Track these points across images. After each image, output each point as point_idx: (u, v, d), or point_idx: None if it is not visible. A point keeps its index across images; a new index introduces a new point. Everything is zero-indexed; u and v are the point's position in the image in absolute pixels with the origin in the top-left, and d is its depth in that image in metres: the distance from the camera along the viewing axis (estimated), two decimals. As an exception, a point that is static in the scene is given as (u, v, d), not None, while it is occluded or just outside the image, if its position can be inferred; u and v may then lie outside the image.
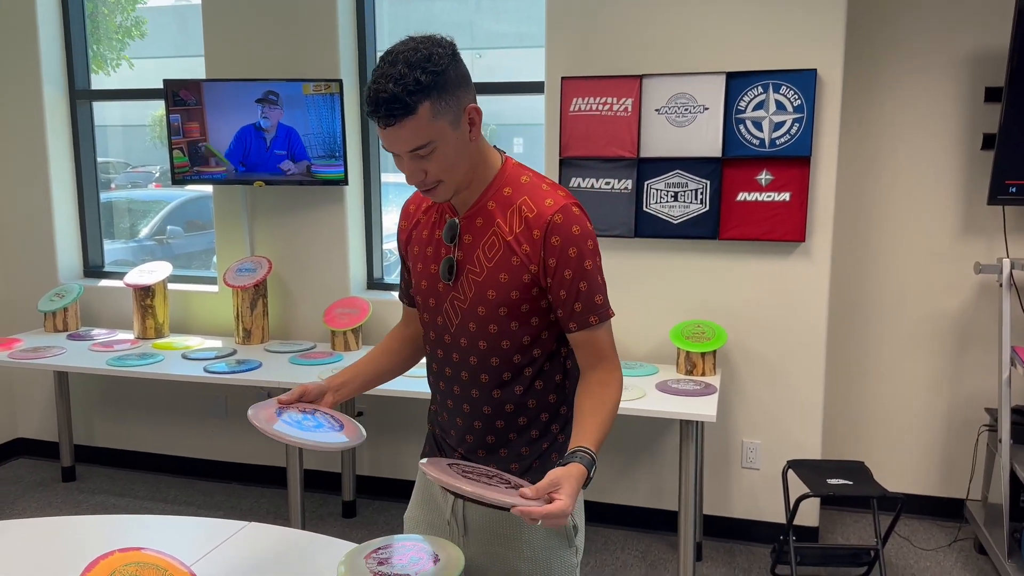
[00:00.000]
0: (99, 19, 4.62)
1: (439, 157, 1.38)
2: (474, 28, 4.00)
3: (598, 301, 1.47)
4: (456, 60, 1.38)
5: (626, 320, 3.47)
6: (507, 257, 1.46)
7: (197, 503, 3.89)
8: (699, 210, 3.32)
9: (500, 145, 4.16)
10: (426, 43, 1.35)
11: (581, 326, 1.47)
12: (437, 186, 1.43)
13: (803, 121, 3.15)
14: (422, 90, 1.32)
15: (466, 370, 1.54)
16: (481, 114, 1.43)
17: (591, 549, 3.43)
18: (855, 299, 3.66)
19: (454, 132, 1.38)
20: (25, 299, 4.29)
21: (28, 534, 1.75)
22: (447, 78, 1.34)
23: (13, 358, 3.46)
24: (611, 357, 1.50)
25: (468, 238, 1.50)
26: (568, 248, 1.43)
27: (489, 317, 1.49)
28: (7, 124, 4.16)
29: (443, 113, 1.35)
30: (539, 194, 1.47)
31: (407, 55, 1.33)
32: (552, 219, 1.43)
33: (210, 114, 3.68)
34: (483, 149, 1.49)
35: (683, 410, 2.81)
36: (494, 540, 1.56)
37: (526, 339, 1.50)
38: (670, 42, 3.27)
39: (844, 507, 3.78)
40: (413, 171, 1.40)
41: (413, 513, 1.70)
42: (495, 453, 1.55)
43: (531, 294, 1.47)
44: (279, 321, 3.94)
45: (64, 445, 4.12)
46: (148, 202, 5.90)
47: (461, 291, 1.51)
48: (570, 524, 1.57)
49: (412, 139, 1.35)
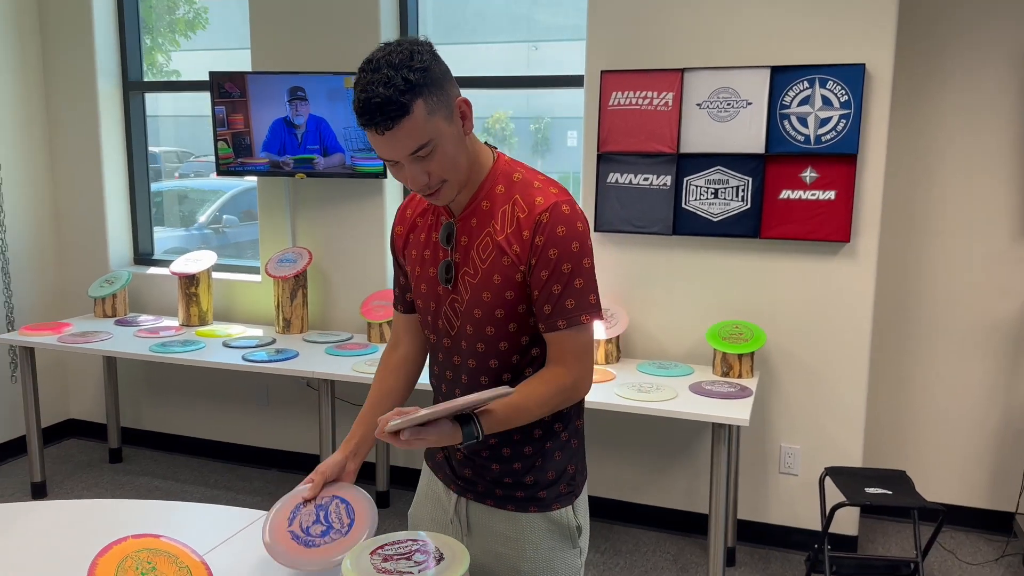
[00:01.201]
0: (163, 11, 4.72)
1: (440, 155, 1.36)
2: (531, 22, 3.98)
3: (569, 305, 1.42)
4: (436, 57, 1.36)
5: (662, 319, 3.41)
6: (499, 258, 1.44)
7: (236, 488, 3.96)
8: (740, 208, 3.24)
9: (554, 138, 4.13)
10: (403, 44, 1.34)
11: (548, 328, 1.44)
12: (441, 187, 1.40)
13: (850, 117, 3.05)
14: (413, 88, 1.30)
15: (466, 373, 1.52)
16: (471, 106, 1.41)
17: (621, 549, 3.39)
18: (902, 302, 3.53)
19: (450, 127, 1.36)
20: (77, 285, 4.42)
21: (55, 516, 1.79)
22: (433, 74, 1.33)
23: (62, 341, 3.57)
24: (570, 365, 1.43)
25: (464, 239, 1.48)
26: (549, 249, 1.40)
27: (486, 319, 1.46)
28: (63, 115, 4.28)
29: (437, 109, 1.33)
30: (531, 192, 1.44)
31: (388, 58, 1.31)
32: (539, 218, 1.41)
33: (254, 106, 3.73)
34: (476, 145, 1.47)
35: (715, 413, 2.75)
36: (496, 540, 1.55)
37: (524, 339, 1.48)
38: (713, 35, 3.19)
39: (886, 517, 3.66)
40: (416, 175, 1.38)
41: (417, 511, 1.69)
42: (498, 452, 1.53)
43: (527, 294, 1.45)
44: (318, 311, 3.98)
45: (112, 427, 4.24)
46: (207, 191, 6.04)
47: (459, 293, 1.49)
48: (573, 525, 1.55)
49: (412, 140, 1.33)
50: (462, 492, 1.59)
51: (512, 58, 3.99)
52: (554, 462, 1.53)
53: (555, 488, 1.53)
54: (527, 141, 4.23)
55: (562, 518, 1.54)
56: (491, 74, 3.69)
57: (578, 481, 1.57)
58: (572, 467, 1.55)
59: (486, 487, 1.55)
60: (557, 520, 1.54)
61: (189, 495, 3.86)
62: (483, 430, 1.38)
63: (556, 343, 1.44)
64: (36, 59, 4.24)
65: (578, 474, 1.57)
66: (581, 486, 1.58)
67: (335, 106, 3.63)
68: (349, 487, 1.61)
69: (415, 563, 1.43)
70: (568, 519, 1.55)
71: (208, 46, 4.99)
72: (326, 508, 1.58)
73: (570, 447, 1.55)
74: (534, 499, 1.53)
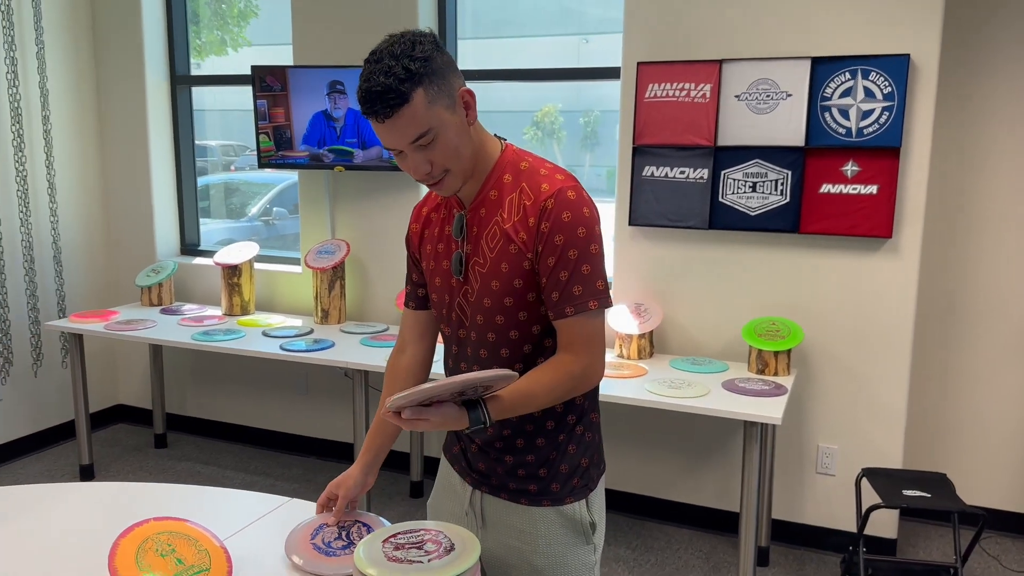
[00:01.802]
0: (217, 6, 4.81)
1: (442, 144, 1.37)
2: (581, 15, 3.96)
3: (576, 292, 1.41)
4: (439, 48, 1.37)
5: (697, 315, 3.37)
6: (507, 246, 1.44)
7: (275, 475, 4.04)
8: (779, 202, 3.17)
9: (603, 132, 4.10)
10: (407, 35, 1.35)
11: (557, 315, 1.43)
12: (445, 176, 1.42)
13: (894, 110, 2.96)
14: (412, 77, 1.31)
15: (478, 363, 1.53)
16: (475, 96, 1.41)
17: (653, 546, 3.36)
18: (946, 300, 3.43)
19: (452, 116, 1.37)
20: (125, 274, 4.55)
21: (94, 497, 1.85)
22: (435, 64, 1.34)
23: (109, 329, 3.68)
24: (579, 352, 1.42)
25: (474, 230, 1.49)
26: (555, 236, 1.40)
27: (496, 308, 1.47)
28: (112, 109, 4.40)
29: (438, 98, 1.34)
30: (537, 179, 1.44)
31: (390, 49, 1.33)
32: (544, 205, 1.40)
33: (294, 100, 3.78)
34: (482, 135, 1.47)
35: (747, 410, 2.71)
36: (510, 533, 1.55)
37: (535, 328, 1.48)
38: (752, 25, 3.13)
39: (928, 520, 3.57)
40: (418, 164, 1.39)
41: (435, 501, 1.71)
42: (512, 444, 1.53)
43: (536, 282, 1.44)
44: (356, 302, 4.03)
45: (157, 413, 4.35)
46: (258, 184, 6.16)
47: (470, 284, 1.50)
48: (586, 520, 1.54)
49: (412, 129, 1.34)
50: (477, 485, 1.59)
51: (562, 51, 3.98)
52: (567, 455, 1.52)
53: (568, 482, 1.53)
54: (576, 134, 4.21)
55: (575, 513, 1.53)
56: (541, 67, 3.66)
57: (592, 475, 1.56)
58: (586, 461, 1.55)
59: (500, 480, 1.56)
60: (570, 515, 1.53)
61: (229, 481, 3.95)
62: (491, 416, 1.38)
63: (565, 330, 1.44)
64: (88, 55, 4.36)
65: (592, 468, 1.56)
66: (596, 481, 1.57)
67: (373, 99, 3.65)
68: (369, 515, 1.67)
69: (425, 552, 1.44)
70: (581, 514, 1.54)
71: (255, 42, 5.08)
72: (348, 528, 1.64)
73: (584, 440, 1.54)
74: (547, 493, 1.53)
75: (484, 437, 1.56)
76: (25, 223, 4.10)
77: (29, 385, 4.19)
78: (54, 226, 4.25)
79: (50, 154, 4.20)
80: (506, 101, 4.51)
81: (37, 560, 1.58)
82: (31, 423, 4.21)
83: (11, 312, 4.07)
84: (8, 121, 3.98)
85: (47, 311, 4.24)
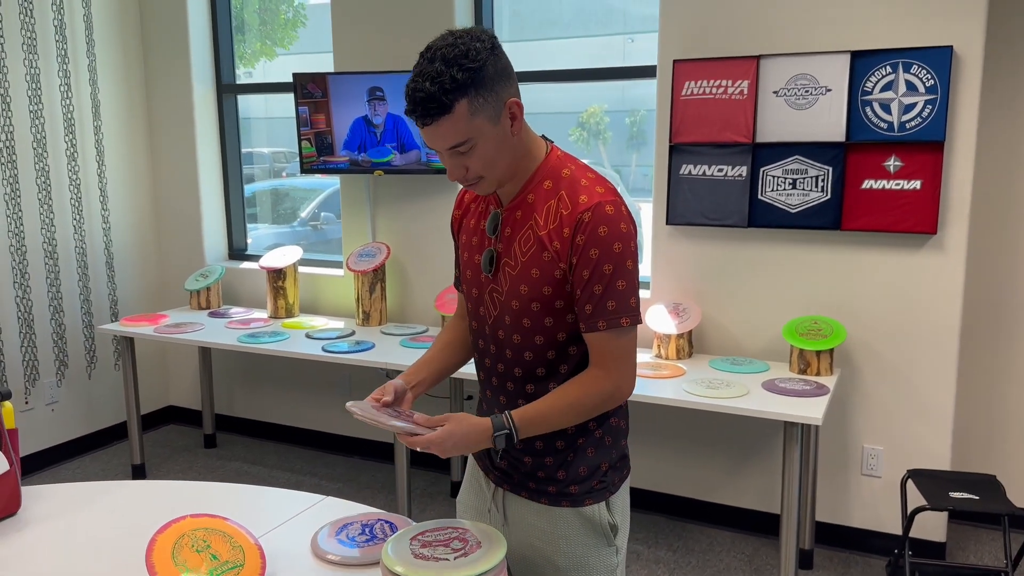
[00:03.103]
0: (267, 15, 4.92)
1: (478, 153, 1.38)
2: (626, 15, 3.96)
3: (610, 307, 1.41)
4: (495, 54, 1.36)
5: (737, 314, 3.33)
6: (539, 252, 1.44)
7: (320, 474, 4.11)
8: (820, 198, 3.12)
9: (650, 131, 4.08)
10: (464, 38, 1.34)
11: (589, 328, 1.43)
12: (479, 181, 1.44)
13: (937, 103, 2.90)
14: (458, 88, 1.31)
15: (502, 362, 1.54)
16: (522, 108, 1.41)
17: (694, 548, 3.33)
18: (994, 297, 3.33)
19: (493, 128, 1.37)
20: (175, 279, 4.67)
21: (139, 494, 1.91)
22: (485, 74, 1.33)
23: (158, 332, 3.78)
24: (610, 367, 1.44)
25: (508, 231, 1.49)
26: (590, 249, 1.39)
27: (523, 311, 1.47)
28: (161, 118, 4.53)
29: (481, 109, 1.35)
30: (576, 189, 1.43)
31: (444, 51, 1.33)
32: (581, 217, 1.39)
33: (335, 106, 3.84)
34: (527, 141, 1.47)
35: (787, 411, 2.67)
36: (532, 532, 1.56)
37: (561, 335, 1.48)
38: (790, 20, 3.09)
39: (979, 523, 3.47)
40: (454, 167, 1.42)
41: (463, 497, 1.73)
42: (531, 445, 1.54)
43: (564, 291, 1.44)
44: (396, 304, 4.07)
45: (206, 414, 4.46)
46: (308, 190, 6.28)
47: (499, 283, 1.50)
48: (607, 522, 1.54)
49: (450, 137, 1.36)
50: (499, 483, 1.61)
51: (608, 51, 3.97)
52: (586, 458, 1.52)
53: (587, 484, 1.53)
54: (623, 134, 4.19)
55: (594, 515, 1.53)
56: (583, 67, 3.65)
57: (611, 479, 1.55)
58: (606, 464, 1.54)
59: (520, 479, 1.57)
60: (589, 516, 1.53)
61: (275, 480, 4.03)
62: (517, 431, 1.41)
63: (596, 345, 1.44)
64: (137, 66, 4.49)
65: (612, 471, 1.55)
66: (617, 484, 1.56)
67: (411, 103, 3.70)
68: (394, 515, 1.70)
69: (452, 550, 1.46)
70: (601, 516, 1.54)
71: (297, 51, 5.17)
72: (371, 526, 1.67)
73: (604, 444, 1.54)
74: (566, 494, 1.53)
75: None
76: (79, 230, 4.24)
77: (83, 387, 4.33)
78: (106, 233, 4.38)
79: (102, 163, 4.34)
80: (551, 102, 4.50)
81: (82, 553, 1.64)
82: (85, 424, 4.36)
83: (66, 316, 4.21)
84: (62, 131, 4.12)
85: (100, 315, 4.38)
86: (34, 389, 4.10)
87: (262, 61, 5.14)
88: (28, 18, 3.92)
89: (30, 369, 4.07)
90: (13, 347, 3.98)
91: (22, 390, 4.04)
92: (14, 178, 3.92)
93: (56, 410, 4.20)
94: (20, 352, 4.01)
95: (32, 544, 1.68)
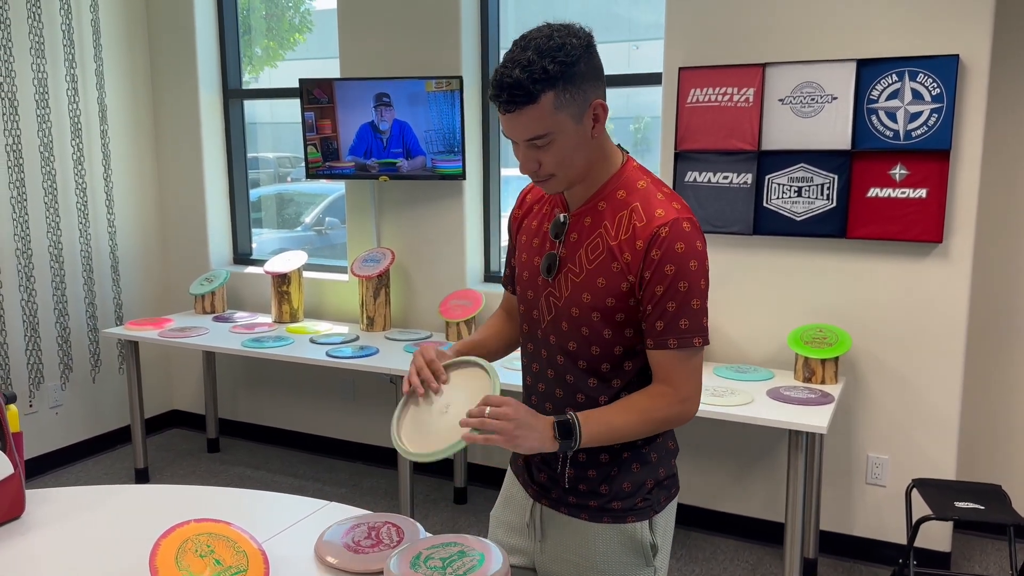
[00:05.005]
0: (272, 20, 4.94)
1: (556, 150, 1.36)
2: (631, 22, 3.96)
3: (683, 325, 1.37)
4: (590, 53, 1.34)
5: (742, 322, 3.33)
6: (608, 262, 1.40)
7: (323, 479, 4.10)
8: (825, 206, 3.12)
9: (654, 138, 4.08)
10: (561, 32, 1.32)
11: (658, 345, 1.39)
12: (550, 179, 1.40)
13: (943, 111, 2.89)
14: (548, 79, 1.29)
15: (552, 368, 1.50)
16: (607, 111, 1.38)
17: (698, 557, 3.32)
18: (1000, 306, 3.32)
19: (575, 126, 1.35)
20: (180, 283, 4.68)
21: (141, 499, 1.91)
22: (576, 70, 1.31)
23: (163, 336, 3.79)
24: (679, 385, 1.39)
25: (574, 236, 1.45)
26: (665, 265, 1.35)
27: (582, 319, 1.44)
28: (167, 123, 4.54)
29: (566, 106, 1.32)
30: (652, 203, 1.39)
31: (539, 42, 1.31)
32: (657, 232, 1.36)
33: (340, 111, 3.85)
34: (604, 146, 1.44)
35: (791, 419, 2.66)
36: (568, 549, 1.52)
37: (618, 349, 1.44)
38: (795, 28, 3.09)
39: (984, 534, 3.45)
40: (527, 160, 1.39)
41: (498, 512, 1.69)
42: (574, 457, 1.50)
43: (628, 304, 1.41)
44: (401, 310, 4.08)
45: (210, 418, 4.46)
46: (312, 195, 6.28)
47: (558, 288, 1.47)
48: (648, 541, 1.50)
49: (530, 128, 1.33)
50: (537, 497, 1.57)
51: (613, 58, 3.97)
52: (631, 474, 1.49)
53: (631, 500, 1.49)
54: (627, 141, 4.19)
55: (636, 533, 1.49)
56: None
57: (656, 497, 1.51)
58: (651, 482, 1.50)
59: (560, 494, 1.53)
60: (631, 534, 1.49)
61: (278, 485, 4.02)
62: (580, 428, 1.37)
63: (664, 363, 1.40)
64: (144, 71, 4.51)
65: (658, 490, 1.51)
66: (662, 504, 1.52)
67: (416, 110, 3.71)
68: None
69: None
70: (643, 535, 1.49)
71: (303, 56, 5.19)
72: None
73: (650, 461, 1.50)
74: (607, 510, 1.49)
75: None
76: (84, 234, 4.25)
77: (87, 391, 4.33)
78: (111, 237, 4.39)
79: (108, 167, 4.35)
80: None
81: (85, 558, 1.64)
82: (89, 428, 4.36)
83: (71, 320, 4.22)
84: (68, 135, 4.13)
85: (105, 319, 4.39)
86: (38, 392, 4.10)
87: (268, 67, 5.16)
88: (36, 23, 3.94)
89: (35, 372, 4.08)
90: (18, 350, 3.99)
91: (27, 393, 4.04)
92: (21, 182, 3.93)
93: (60, 413, 4.21)
94: (25, 355, 4.02)
95: (36, 548, 1.68)
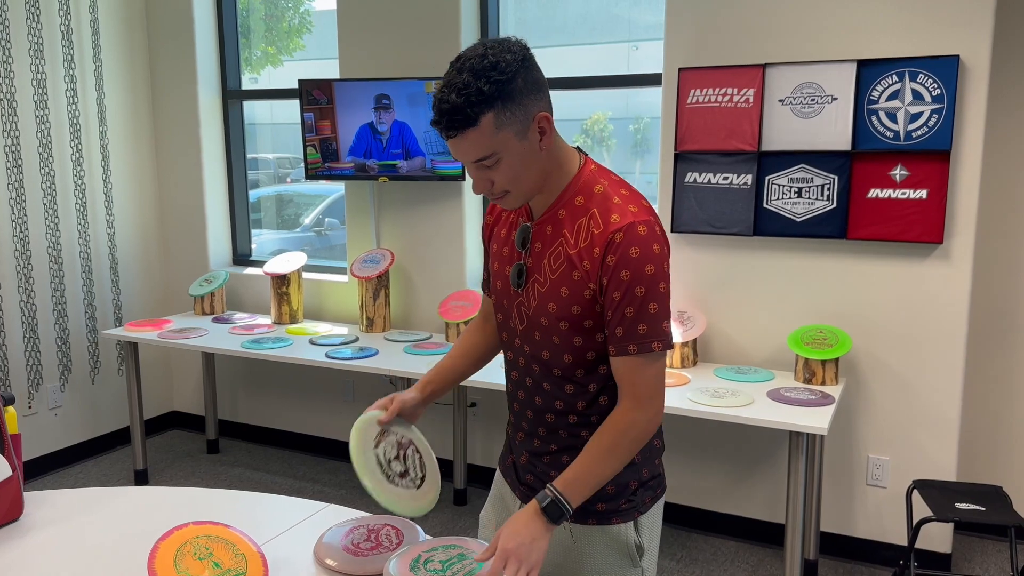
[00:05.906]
0: (272, 21, 4.93)
1: (504, 168, 1.35)
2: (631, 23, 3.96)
3: (641, 330, 1.36)
4: (527, 66, 1.33)
5: (742, 323, 3.32)
6: (569, 271, 1.40)
7: (323, 481, 4.10)
8: (825, 207, 3.12)
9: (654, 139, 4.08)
10: (495, 49, 1.31)
11: (619, 352, 1.39)
12: (505, 195, 1.40)
13: (943, 112, 2.89)
14: (485, 100, 1.28)
15: (530, 376, 1.51)
16: (552, 122, 1.37)
17: (698, 558, 3.32)
18: (1000, 307, 3.31)
19: (520, 142, 1.34)
20: (179, 284, 4.67)
21: (140, 501, 1.90)
22: (514, 87, 1.30)
23: (162, 337, 3.78)
24: (641, 395, 1.38)
25: (538, 245, 1.45)
26: (621, 270, 1.35)
27: (551, 329, 1.44)
28: (166, 124, 4.54)
29: (508, 123, 1.31)
30: (609, 208, 1.38)
31: (473, 62, 1.29)
32: (612, 237, 1.35)
33: (340, 112, 3.85)
34: (557, 155, 1.42)
35: (792, 420, 2.66)
36: (555, 550, 1.53)
37: (590, 355, 1.44)
38: (796, 28, 3.09)
39: (985, 535, 3.45)
40: (479, 180, 1.39)
41: (486, 513, 1.70)
42: (558, 460, 1.51)
43: (594, 310, 1.40)
44: (401, 311, 4.07)
45: (210, 420, 4.46)
46: (312, 195, 6.28)
47: (527, 299, 1.47)
48: (633, 542, 1.50)
49: (475, 150, 1.33)
50: (525, 498, 1.58)
51: (613, 59, 3.96)
52: (615, 476, 1.48)
53: (614, 502, 1.49)
54: (626, 142, 4.18)
55: (620, 534, 1.50)
56: (589, 75, 3.65)
57: (641, 498, 1.51)
58: (635, 483, 1.50)
59: None
60: (616, 535, 1.50)
61: (277, 486, 4.02)
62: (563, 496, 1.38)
63: (625, 370, 1.39)
64: (143, 72, 4.51)
65: (642, 490, 1.52)
66: (647, 504, 1.52)
67: (416, 111, 3.70)
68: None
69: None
70: (627, 536, 1.50)
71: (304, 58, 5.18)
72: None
73: (633, 462, 1.49)
74: (592, 512, 1.49)
75: (531, 450, 1.56)
76: (83, 235, 4.24)
77: (87, 392, 4.33)
78: (111, 238, 4.39)
79: (107, 168, 4.34)
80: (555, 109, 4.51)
81: (84, 560, 1.63)
82: (89, 429, 4.35)
83: (70, 321, 4.21)
84: (67, 136, 4.13)
85: (104, 320, 4.38)
86: (37, 394, 4.10)
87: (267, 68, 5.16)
88: (35, 23, 3.94)
89: (34, 374, 4.07)
90: (17, 352, 3.98)
91: (26, 395, 4.03)
92: (19, 183, 3.93)
93: (59, 415, 4.20)
94: (24, 357, 4.01)
95: (34, 550, 1.67)
